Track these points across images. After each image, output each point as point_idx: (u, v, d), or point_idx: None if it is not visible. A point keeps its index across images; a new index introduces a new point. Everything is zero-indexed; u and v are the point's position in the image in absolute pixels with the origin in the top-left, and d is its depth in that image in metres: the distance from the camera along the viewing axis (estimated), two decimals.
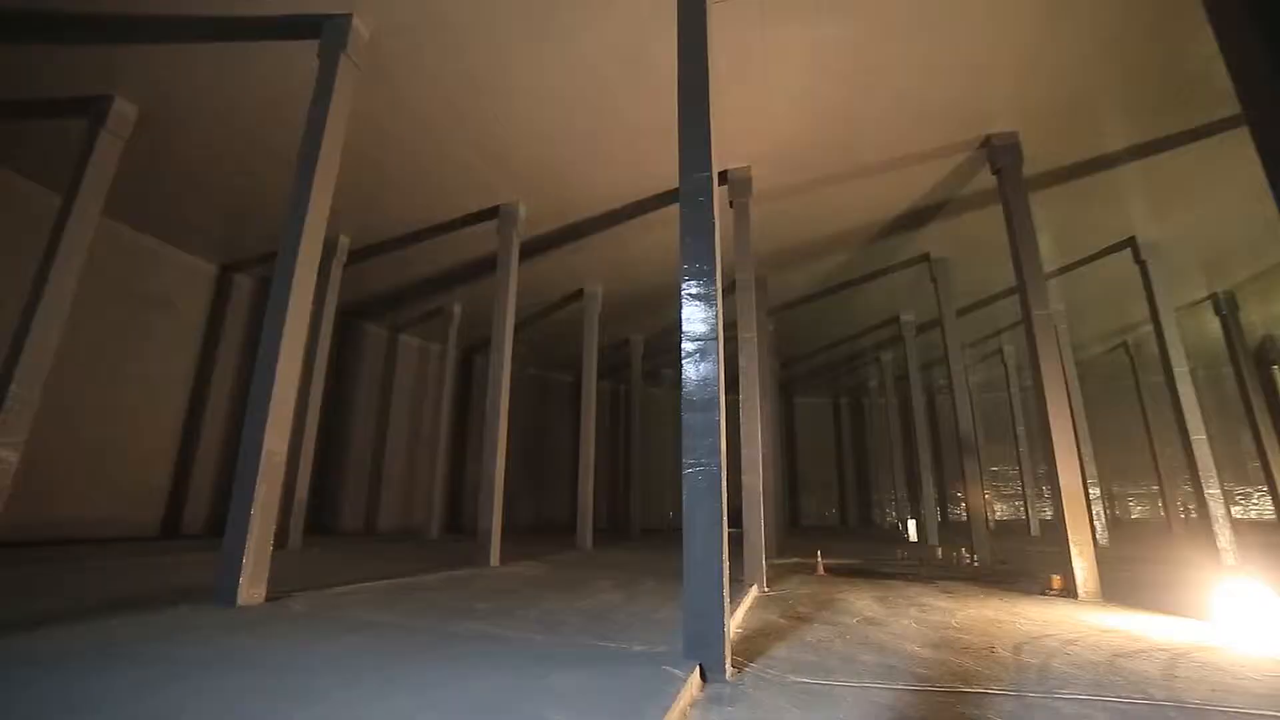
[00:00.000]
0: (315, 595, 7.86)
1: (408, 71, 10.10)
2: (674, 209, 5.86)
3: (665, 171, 12.41)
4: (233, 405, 17.97)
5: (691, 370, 5.07)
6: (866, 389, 33.31)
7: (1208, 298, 20.42)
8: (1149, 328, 17.07)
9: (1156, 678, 5.32)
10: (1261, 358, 25.05)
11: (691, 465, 4.86)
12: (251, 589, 6.90)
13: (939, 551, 15.96)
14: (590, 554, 15.66)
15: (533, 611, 7.39)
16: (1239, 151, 11.33)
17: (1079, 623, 7.53)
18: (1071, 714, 4.39)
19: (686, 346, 5.17)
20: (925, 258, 16.53)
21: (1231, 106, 9.76)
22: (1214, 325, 21.22)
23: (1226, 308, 20.25)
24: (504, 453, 12.88)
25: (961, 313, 18.82)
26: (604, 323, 19.92)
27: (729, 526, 5.06)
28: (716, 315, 5.19)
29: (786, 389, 32.73)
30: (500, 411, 12.88)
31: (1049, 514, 28.10)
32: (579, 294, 19.22)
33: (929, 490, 20.74)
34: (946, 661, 5.76)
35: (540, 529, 26.55)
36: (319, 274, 8.24)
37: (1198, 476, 15.29)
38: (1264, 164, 5.76)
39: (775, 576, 11.48)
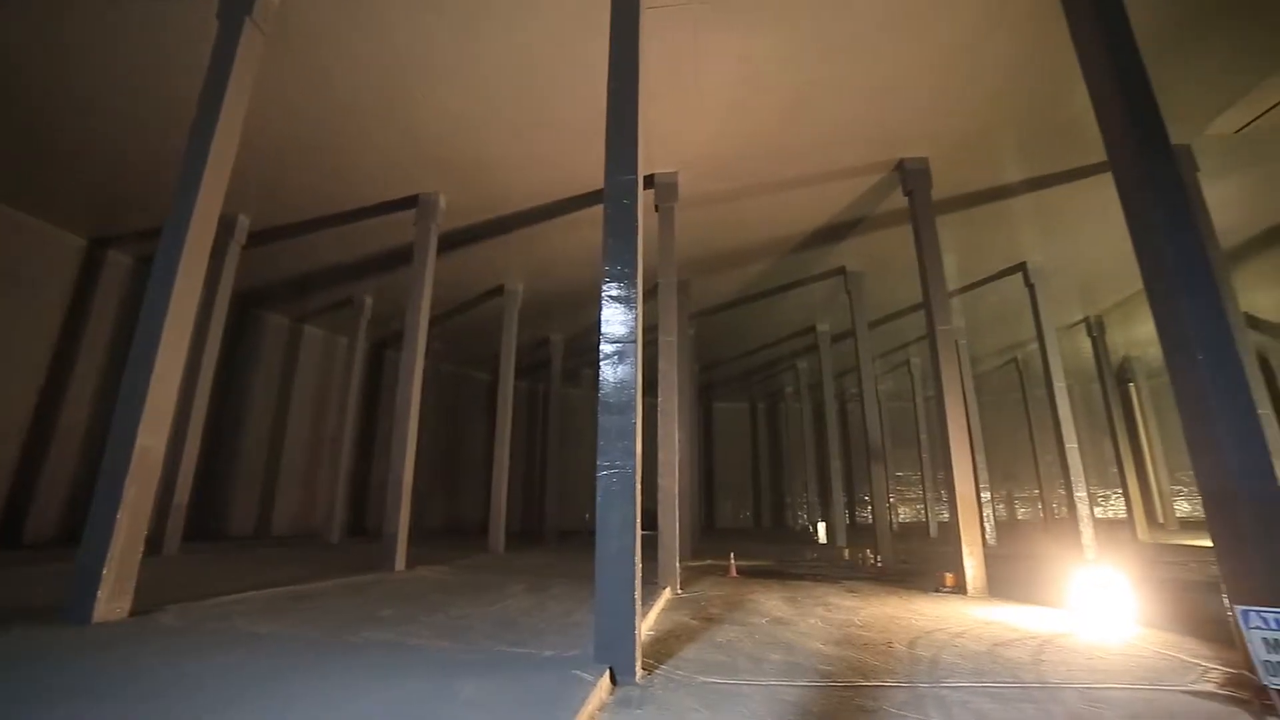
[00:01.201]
0: (191, 607, 7.14)
1: (325, 47, 9.45)
2: (599, 209, 5.80)
3: (592, 171, 12.33)
4: (100, 397, 16.06)
5: (609, 372, 5.01)
6: (783, 395, 34.58)
7: (1082, 320, 22.77)
8: (1036, 345, 18.80)
9: (1027, 663, 5.81)
10: (1121, 375, 28.14)
11: (606, 468, 4.79)
12: (112, 603, 6.16)
13: (846, 553, 16.71)
14: (503, 557, 15.26)
15: (439, 617, 7.06)
16: (1108, 192, 12.60)
17: (966, 617, 8.06)
18: (955, 700, 4.74)
19: (605, 348, 5.10)
20: (841, 271, 17.35)
21: (1103, 152, 10.86)
22: (1086, 345, 23.61)
23: (1096, 330, 22.69)
24: (414, 452, 12.31)
25: (873, 325, 19.84)
26: (524, 321, 19.52)
27: (644, 529, 5.04)
28: (636, 318, 5.16)
29: (706, 393, 33.42)
30: (411, 408, 12.30)
31: (946, 516, 30.28)
32: (499, 290, 18.73)
33: (839, 494, 21.76)
34: (848, 658, 6.01)
35: (451, 532, 25.61)
36: (212, 255, 7.50)
37: (1069, 481, 16.95)
38: (1123, 205, 6.46)
39: (689, 578, 11.62)
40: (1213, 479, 5.36)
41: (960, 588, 9.82)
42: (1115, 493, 29.36)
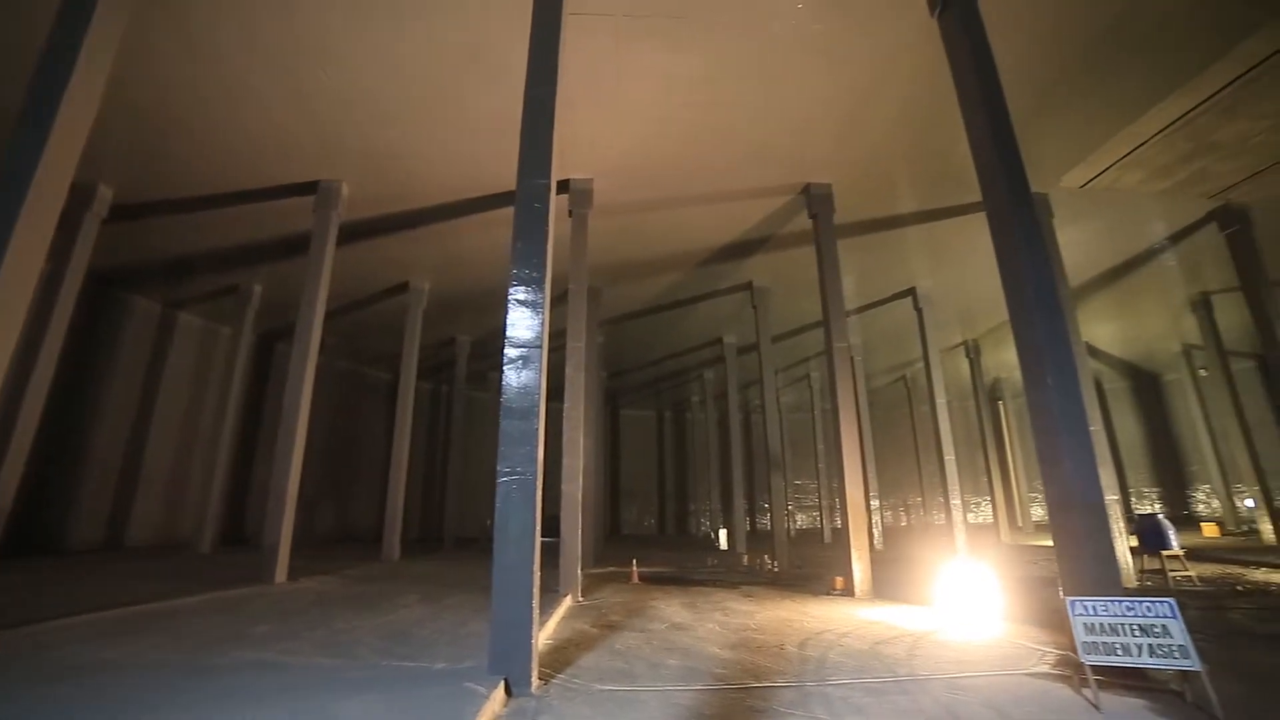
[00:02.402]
0: (7, 636, 6.21)
1: (215, 13, 8.66)
2: (511, 211, 5.69)
3: (505, 171, 11.97)
4: None
5: (513, 377, 4.92)
6: (689, 404, 35.39)
7: (961, 344, 25.07)
8: (922, 365, 20.44)
9: (903, 658, 6.28)
10: (992, 394, 31.20)
11: (507, 473, 4.70)
12: None
13: (745, 558, 17.28)
14: (398, 566, 14.52)
15: (322, 632, 6.60)
16: (984, 228, 14.02)
17: (853, 618, 8.55)
18: (838, 697, 5.05)
19: (509, 352, 5.01)
20: (748, 286, 18.05)
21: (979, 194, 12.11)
22: (965, 366, 25.97)
23: (973, 353, 25.07)
24: (302, 453, 11.46)
25: (777, 339, 20.80)
26: (430, 319, 18.74)
27: (547, 536, 4.98)
28: (543, 323, 5.11)
29: (614, 400, 33.56)
30: (300, 406, 11.45)
31: (839, 523, 32.09)
32: (404, 287, 17.89)
33: (740, 501, 22.50)
34: (743, 660, 6.22)
35: (343, 540, 24.00)
36: (63, 226, 6.61)
37: (946, 489, 18.54)
38: (994, 243, 7.20)
39: (591, 585, 11.58)
40: (1056, 487, 6.05)
41: (849, 590, 10.42)
42: (985, 500, 32.40)
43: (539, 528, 4.82)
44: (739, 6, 8.61)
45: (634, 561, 13.43)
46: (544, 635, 6.87)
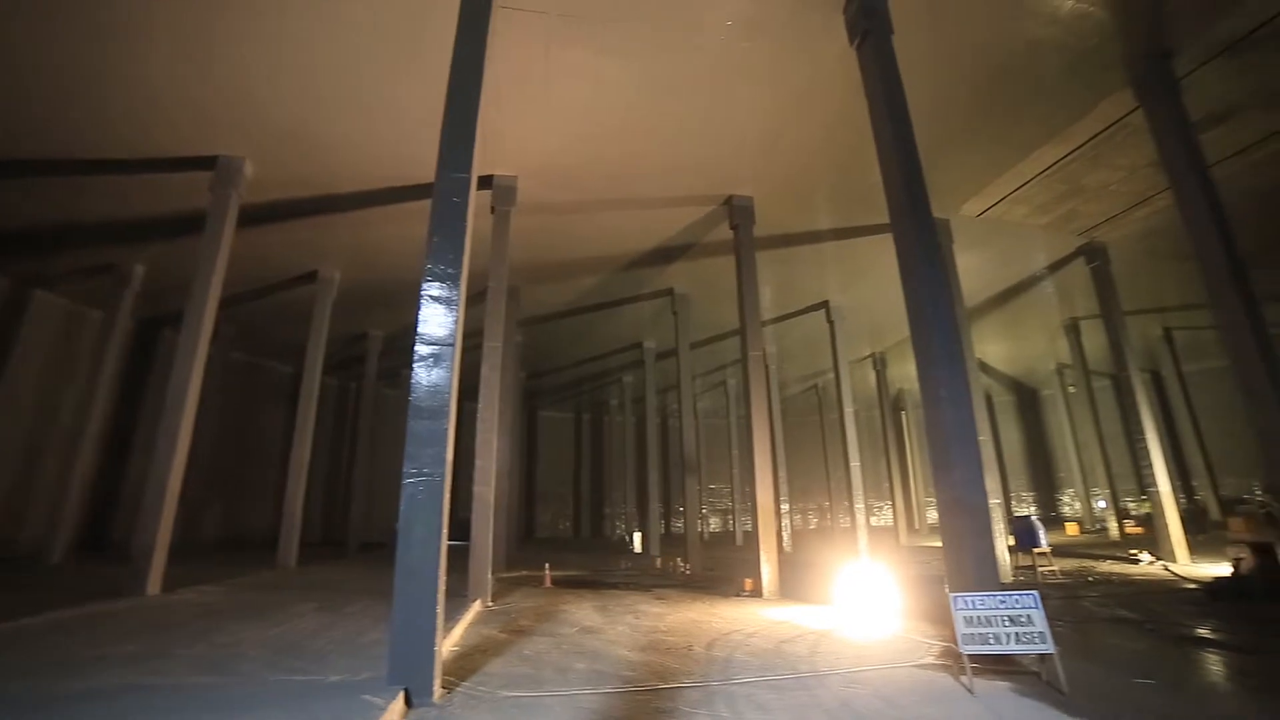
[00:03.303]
0: None
1: None
2: (429, 204, 5.48)
3: (426, 162, 11.56)
4: None
5: (423, 375, 4.74)
6: (608, 407, 35.42)
7: (869, 356, 26.58)
8: (832, 375, 21.51)
9: (805, 656, 6.53)
10: (896, 405, 33.30)
11: (413, 475, 4.50)
12: None
13: (659, 561, 17.46)
14: (294, 573, 13.59)
15: (200, 648, 6.05)
16: (893, 248, 14.95)
17: (760, 618, 8.81)
18: (742, 695, 5.19)
19: (420, 350, 4.82)
20: (669, 292, 18.31)
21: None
22: (872, 377, 27.54)
23: (880, 365, 26.65)
24: (186, 451, 10.47)
25: (695, 346, 21.16)
26: (340, 312, 17.66)
27: (458, 539, 4.81)
28: (457, 320, 4.96)
29: (531, 401, 33.03)
30: (186, 399, 10.44)
31: (751, 526, 33.06)
32: (312, 276, 16.79)
33: (655, 505, 22.73)
34: (651, 662, 6.26)
35: (233, 545, 22.09)
36: None
37: (851, 494, 19.56)
38: (899, 263, 7.71)
39: (502, 590, 11.32)
40: (945, 491, 6.53)
41: (758, 591, 10.75)
42: (886, 504, 34.44)
43: (446, 531, 4.66)
44: (671, 18, 8.75)
45: (547, 565, 13.24)
46: (449, 642, 6.63)
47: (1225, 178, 11.13)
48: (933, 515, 34.36)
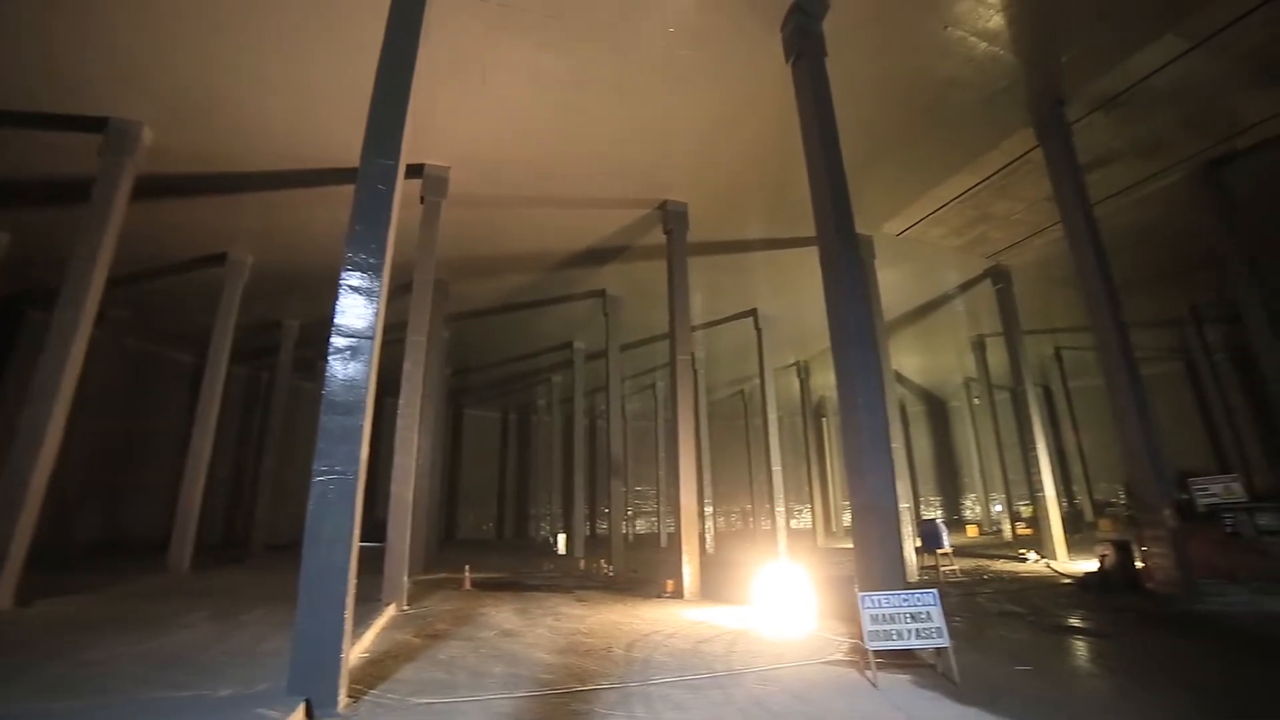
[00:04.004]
0: None
1: None
2: (353, 189, 5.21)
3: (351, 145, 11.04)
4: None
5: (339, 368, 4.49)
6: (535, 407, 34.91)
7: (794, 364, 27.52)
8: (758, 381, 22.10)
9: (722, 655, 6.66)
10: (818, 412, 34.63)
11: (324, 473, 4.26)
12: None
13: (582, 563, 17.36)
14: (186, 579, 12.57)
15: (57, 668, 5.46)
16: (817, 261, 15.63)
17: (680, 619, 8.91)
18: (659, 695, 5.24)
19: (337, 342, 4.57)
20: (601, 293, 18.29)
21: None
22: (795, 384, 28.50)
23: (803, 373, 27.65)
24: (57, 443, 9.43)
25: (625, 348, 21.22)
26: (252, 298, 16.45)
27: (374, 540, 4.59)
28: (378, 313, 4.74)
29: (457, 398, 32.07)
30: (59, 387, 9.36)
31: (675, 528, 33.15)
32: (220, 258, 15.56)
33: (581, 506, 22.59)
34: (570, 665, 6.21)
35: (118, 549, 20.08)
36: None
37: (773, 496, 20.17)
38: (823, 275, 8.03)
39: (419, 593, 10.92)
40: (858, 496, 6.85)
41: (679, 593, 10.88)
42: (806, 507, 35.72)
43: (358, 532, 4.43)
44: (613, 20, 8.76)
45: (467, 567, 12.89)
46: (359, 648, 6.33)
47: (1105, 215, 12.30)
48: (849, 518, 35.92)
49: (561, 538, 22.95)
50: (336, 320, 4.65)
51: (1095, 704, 5.03)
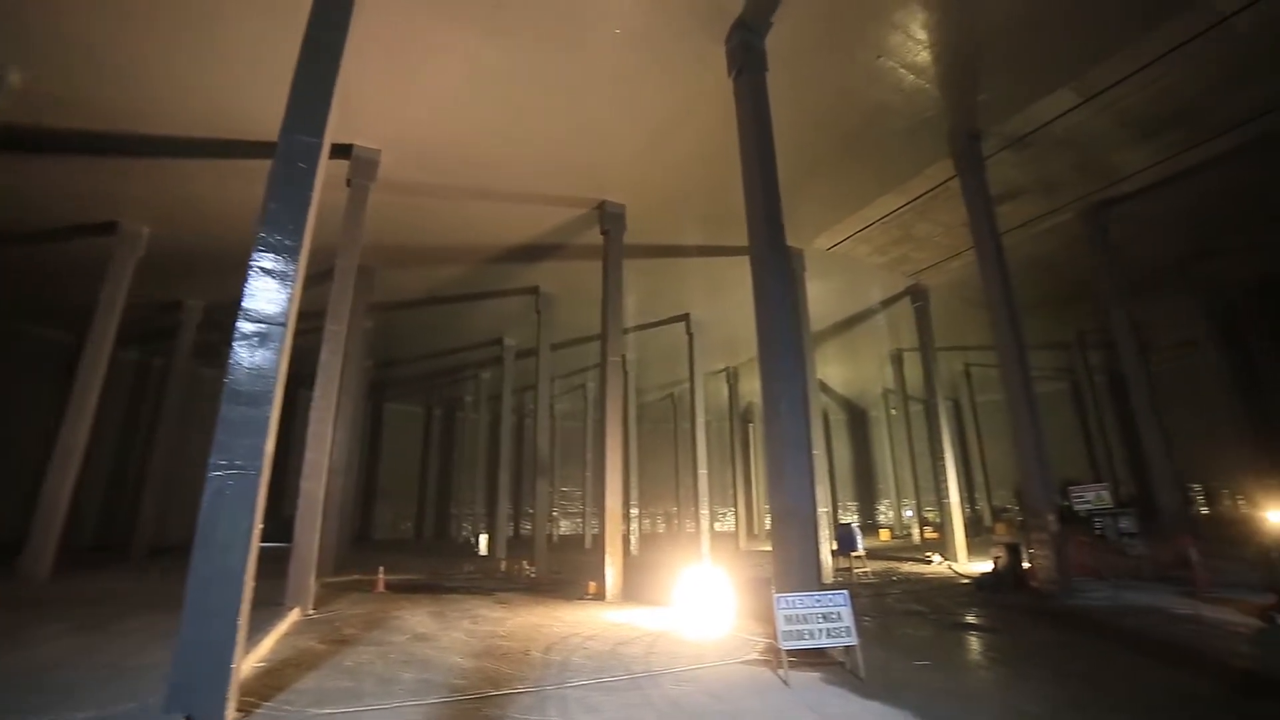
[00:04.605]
0: None
1: None
2: (269, 164, 4.85)
3: (268, 116, 10.21)
4: None
5: (245, 355, 4.17)
6: (462, 403, 33.88)
7: (724, 370, 28.06)
8: (688, 385, 22.38)
9: (641, 657, 6.68)
10: (744, 417, 35.45)
11: (223, 467, 3.93)
12: None
13: (504, 564, 17.00)
14: (46, 586, 11.33)
15: None
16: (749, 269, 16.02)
17: (601, 621, 8.87)
18: (574, 698, 5.20)
19: (244, 327, 4.24)
20: (535, 290, 18.01)
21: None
22: (724, 390, 29.06)
23: (732, 379, 28.25)
24: None
25: (557, 347, 20.93)
26: (146, 274, 14.96)
27: (279, 541, 4.28)
28: (292, 297, 4.44)
29: (378, 392, 30.66)
30: None
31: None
32: (110, 227, 14.07)
33: (505, 506, 22.13)
34: (485, 669, 6.05)
35: None
36: None
37: (698, 500, 20.47)
38: (754, 284, 8.24)
39: (327, 596, 10.34)
40: (778, 500, 7.05)
41: (601, 594, 10.83)
42: (730, 510, 36.45)
43: (258, 531, 4.11)
44: (560, 17, 8.66)
45: (381, 569, 12.31)
46: (254, 657, 5.91)
47: (1012, 244, 13.29)
48: (770, 522, 37.02)
49: (484, 538, 22.42)
50: (245, 304, 4.32)
51: (980, 693, 5.42)
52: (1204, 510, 20.10)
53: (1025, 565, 10.85)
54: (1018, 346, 10.71)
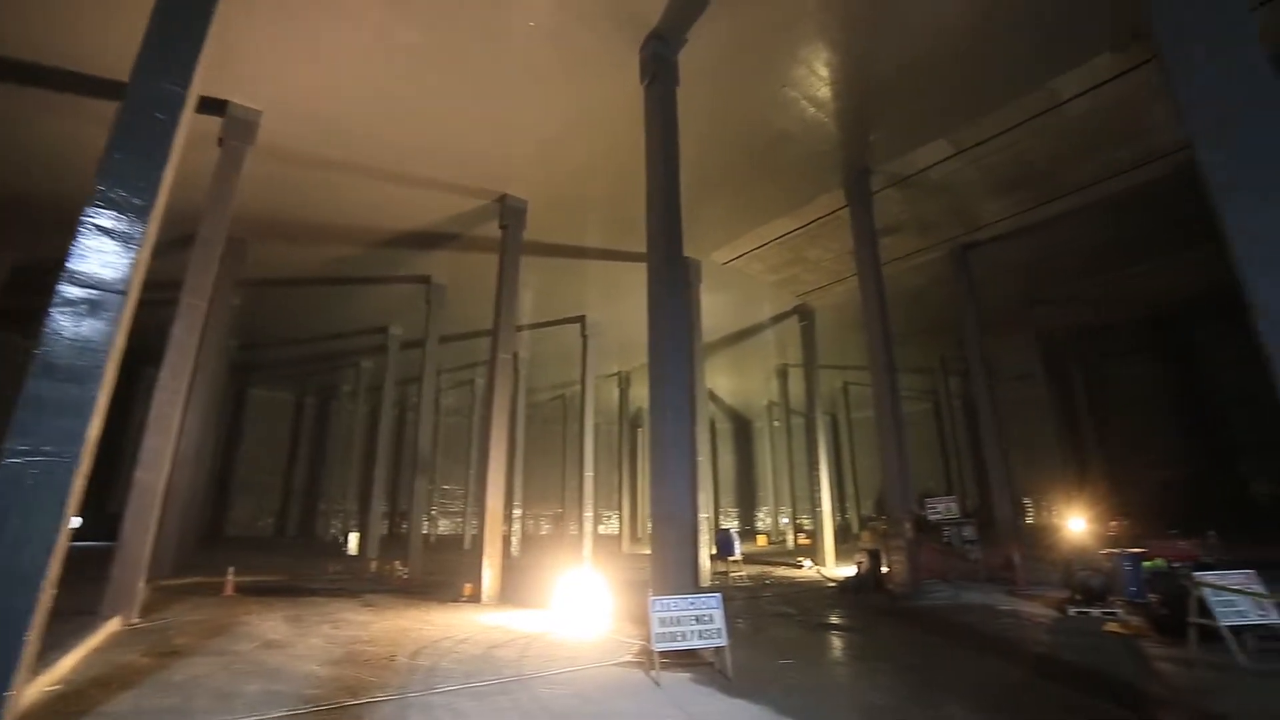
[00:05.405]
0: None
1: None
2: (115, 107, 4.22)
3: (117, 51, 8.74)
4: None
5: (68, 325, 3.60)
6: (339, 392, 31.59)
7: (616, 373, 28.21)
8: (579, 387, 22.27)
9: (514, 660, 6.54)
10: (634, 422, 35.87)
11: (24, 453, 3.35)
12: None
13: (374, 565, 16.06)
14: None
15: None
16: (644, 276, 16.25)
17: (475, 624, 8.59)
18: (440, 704, 4.99)
19: (69, 291, 3.67)
20: (426, 280, 17.20)
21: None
22: (615, 394, 29.22)
23: (624, 384, 28.47)
24: None
25: (446, 339, 20.01)
26: None
27: (103, 540, 3.71)
28: (136, 263, 3.90)
29: (243, 375, 27.84)
30: None
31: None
32: None
33: (378, 503, 20.88)
34: (343, 677, 5.65)
35: None
36: None
37: (582, 502, 20.40)
38: (649, 291, 8.34)
39: (161, 601, 9.22)
40: (660, 504, 7.18)
41: (477, 596, 10.51)
42: (614, 513, 36.68)
43: (66, 529, 3.54)
44: (478, 1, 8.34)
45: (230, 570, 11.13)
46: (50, 679, 5.11)
47: (891, 275, 14.47)
48: (651, 526, 37.70)
49: (354, 537, 21.04)
50: (71, 265, 3.73)
51: (835, 688, 5.82)
52: (1031, 520, 22.94)
53: (884, 569, 11.80)
54: (889, 369, 11.66)
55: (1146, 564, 8.36)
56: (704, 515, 14.54)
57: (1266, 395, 5.25)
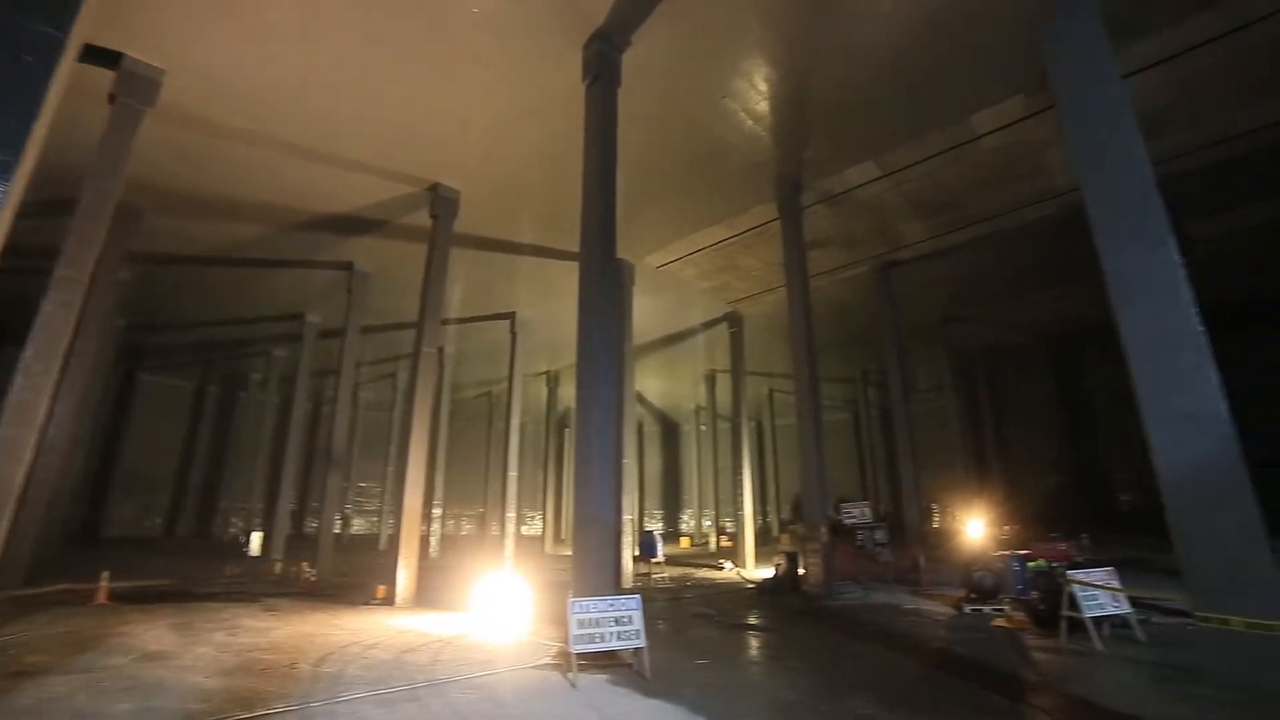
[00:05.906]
0: None
1: None
2: None
3: None
4: None
5: None
6: (247, 381, 29.39)
7: (545, 372, 27.81)
8: (507, 385, 21.75)
9: (426, 665, 6.30)
10: (562, 422, 35.51)
11: None
12: None
13: (278, 566, 15.09)
14: None
15: None
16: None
17: (386, 627, 8.24)
18: (345, 713, 4.72)
19: None
20: (348, 266, 16.33)
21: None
22: (544, 393, 28.81)
23: (553, 383, 28.10)
24: None
25: (368, 330, 19.11)
26: None
27: None
28: None
29: (132, 359, 25.35)
30: None
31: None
32: None
33: (286, 501, 19.61)
34: (236, 688, 5.23)
35: None
36: None
37: (505, 502, 19.93)
38: (580, 291, 8.26)
39: (14, 613, 8.25)
40: (583, 506, 7.10)
41: (390, 599, 10.07)
42: (538, 514, 36.14)
43: None
44: None
45: (105, 575, 10.06)
46: None
47: (817, 287, 15.06)
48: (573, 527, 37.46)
49: (256, 537, 19.67)
50: None
51: (749, 686, 5.91)
52: (936, 525, 24.43)
53: (801, 571, 12.20)
54: (812, 377, 12.07)
55: (1031, 564, 9.06)
56: (629, 517, 14.51)
57: (1134, 414, 5.96)
